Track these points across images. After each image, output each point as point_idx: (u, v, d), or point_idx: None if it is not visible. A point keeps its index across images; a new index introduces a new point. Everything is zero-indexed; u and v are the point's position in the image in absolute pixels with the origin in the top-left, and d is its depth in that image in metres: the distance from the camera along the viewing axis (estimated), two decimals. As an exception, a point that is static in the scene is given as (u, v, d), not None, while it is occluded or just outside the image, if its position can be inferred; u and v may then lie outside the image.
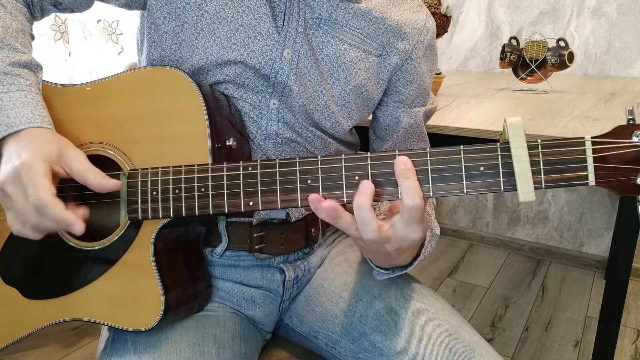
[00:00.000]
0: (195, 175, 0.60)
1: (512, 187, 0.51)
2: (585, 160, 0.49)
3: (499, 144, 0.52)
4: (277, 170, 0.57)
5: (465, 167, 0.52)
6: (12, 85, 0.62)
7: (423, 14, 0.79)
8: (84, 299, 0.66)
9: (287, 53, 0.71)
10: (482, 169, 0.52)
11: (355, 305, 0.76)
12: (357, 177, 0.55)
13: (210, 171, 0.60)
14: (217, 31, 0.70)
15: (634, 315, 1.90)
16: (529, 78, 1.55)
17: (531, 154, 0.50)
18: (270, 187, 0.57)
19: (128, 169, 0.64)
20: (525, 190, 0.50)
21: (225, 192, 0.59)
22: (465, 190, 0.52)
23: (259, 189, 0.58)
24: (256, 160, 0.58)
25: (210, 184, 0.59)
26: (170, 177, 0.61)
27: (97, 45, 2.32)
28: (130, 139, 0.65)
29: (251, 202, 0.58)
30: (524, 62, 1.51)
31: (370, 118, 0.86)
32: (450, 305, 0.77)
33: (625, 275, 1.01)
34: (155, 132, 0.64)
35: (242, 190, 0.58)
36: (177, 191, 0.61)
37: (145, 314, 0.64)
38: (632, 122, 0.49)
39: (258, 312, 0.79)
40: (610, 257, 2.15)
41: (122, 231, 0.64)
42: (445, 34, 1.44)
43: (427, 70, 0.82)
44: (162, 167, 0.62)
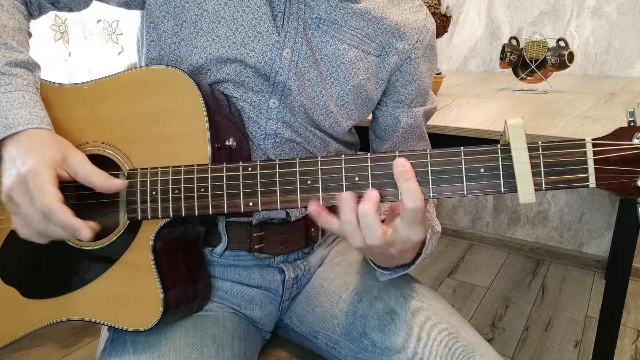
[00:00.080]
0: (195, 176, 0.60)
1: (513, 188, 0.51)
2: (585, 162, 0.49)
3: (500, 145, 0.52)
4: (277, 170, 0.57)
5: (465, 168, 0.52)
6: (9, 86, 0.62)
7: (422, 14, 0.79)
8: (83, 298, 0.66)
9: (287, 53, 0.71)
10: (482, 170, 0.52)
11: (355, 305, 0.76)
12: (357, 178, 0.55)
13: (209, 171, 0.60)
14: (216, 30, 0.70)
15: (634, 315, 1.89)
16: (529, 78, 1.55)
17: (532, 156, 0.50)
18: (270, 188, 0.57)
19: (127, 169, 0.64)
20: (526, 192, 0.49)
21: (225, 192, 0.59)
22: (466, 192, 0.52)
23: (259, 189, 0.58)
24: (256, 161, 0.58)
25: (209, 184, 0.59)
26: (170, 177, 0.61)
27: (97, 45, 2.32)
28: (129, 138, 0.65)
29: (251, 203, 0.58)
30: (524, 62, 1.51)
31: (370, 118, 0.86)
32: (450, 305, 0.77)
33: (625, 275, 1.01)
34: (154, 131, 0.64)
35: (241, 191, 0.58)
36: (176, 191, 0.61)
37: (144, 314, 0.64)
38: (632, 124, 0.49)
39: (258, 312, 0.79)
40: (610, 257, 2.15)
41: (122, 231, 0.64)
42: (445, 34, 1.44)
43: (427, 71, 0.81)
44: (161, 167, 0.62)
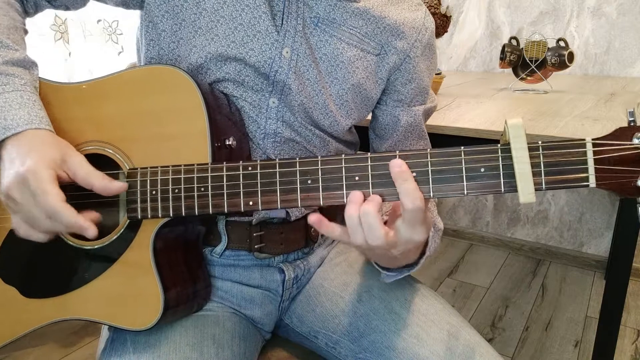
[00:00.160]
0: (195, 175, 0.60)
1: (513, 188, 0.51)
2: (585, 162, 0.49)
3: (500, 145, 0.52)
4: (277, 170, 0.57)
5: (465, 168, 0.52)
6: (7, 86, 0.61)
7: (421, 13, 0.79)
8: (83, 298, 0.66)
9: (286, 52, 0.71)
10: (482, 170, 0.52)
11: (355, 305, 0.76)
12: (357, 178, 0.55)
13: (209, 171, 0.59)
14: (215, 29, 0.70)
15: (634, 315, 1.89)
16: (529, 78, 1.55)
17: (532, 155, 0.50)
18: (270, 187, 0.57)
19: (127, 168, 0.64)
20: (526, 191, 0.49)
21: (225, 191, 0.59)
22: (466, 192, 0.52)
23: (259, 189, 0.57)
24: (256, 160, 0.58)
25: (209, 183, 0.59)
26: (170, 177, 0.61)
27: (97, 45, 2.32)
28: (129, 137, 0.65)
29: (251, 202, 0.58)
30: (524, 62, 1.51)
31: (370, 117, 0.86)
32: (450, 305, 0.77)
33: (625, 275, 1.01)
34: (154, 131, 0.64)
35: (241, 190, 0.58)
36: (176, 190, 0.61)
37: (144, 313, 0.64)
38: (632, 124, 0.49)
39: (257, 312, 0.79)
40: (610, 257, 2.15)
41: (122, 230, 0.64)
42: (445, 34, 1.44)
43: (426, 69, 0.81)
44: (161, 167, 0.62)
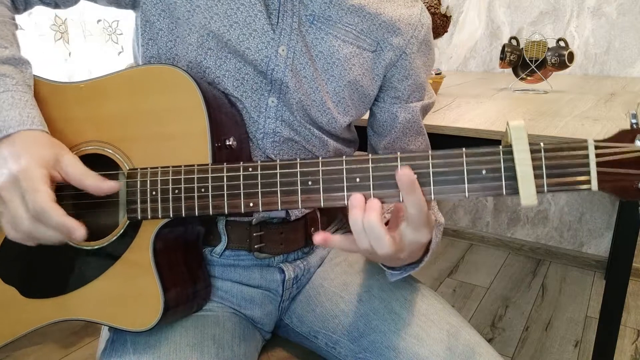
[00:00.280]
0: (195, 176, 0.60)
1: (514, 191, 0.50)
2: (587, 165, 0.49)
3: (501, 147, 0.51)
4: (278, 171, 0.57)
5: (467, 170, 0.52)
6: None
7: (417, 9, 0.79)
8: (83, 298, 0.66)
9: (282, 50, 0.71)
10: (484, 172, 0.51)
11: (355, 305, 0.76)
12: (358, 179, 0.54)
13: (210, 171, 0.59)
14: (209, 26, 0.70)
15: (634, 315, 1.89)
16: (529, 78, 1.55)
17: (534, 158, 0.49)
18: (270, 189, 0.57)
19: (127, 169, 0.64)
20: (527, 194, 0.49)
21: (225, 192, 0.59)
22: (467, 194, 0.52)
23: (259, 190, 0.57)
24: (257, 161, 0.58)
25: (210, 184, 0.59)
26: (170, 177, 0.61)
27: (97, 45, 2.32)
28: (129, 137, 0.65)
29: (251, 203, 0.58)
30: (524, 62, 1.51)
31: (368, 114, 0.86)
32: (450, 305, 0.77)
33: (625, 275, 1.01)
34: (154, 130, 0.64)
35: (242, 191, 0.58)
36: (176, 191, 0.60)
37: (144, 314, 0.64)
38: (635, 126, 0.49)
39: (257, 312, 0.79)
40: (610, 257, 2.15)
41: (121, 231, 0.64)
42: (445, 34, 1.44)
43: (423, 66, 0.81)
44: (161, 167, 0.61)
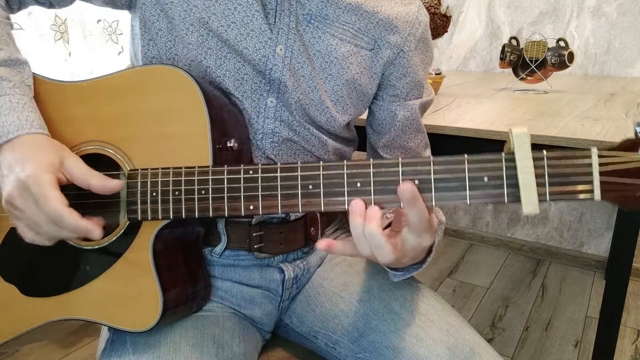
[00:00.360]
0: (196, 178, 0.60)
1: (516, 198, 0.50)
2: (590, 174, 0.48)
3: (504, 154, 0.51)
4: (279, 175, 0.56)
5: (468, 177, 0.51)
6: None
7: (415, 7, 0.79)
8: (82, 298, 0.66)
9: (280, 49, 0.71)
10: (486, 179, 0.51)
11: (355, 305, 0.76)
12: (359, 184, 0.54)
13: (210, 174, 0.59)
14: (207, 26, 0.70)
15: (634, 315, 1.89)
16: (529, 78, 1.55)
17: (536, 165, 0.49)
18: (271, 192, 0.57)
19: (128, 169, 0.64)
20: (529, 202, 0.49)
21: (226, 195, 0.58)
22: (469, 201, 0.51)
23: (260, 193, 0.57)
24: (257, 164, 0.58)
25: (210, 186, 0.59)
26: (171, 179, 0.61)
27: (97, 45, 2.32)
28: (129, 137, 0.65)
29: (251, 206, 0.57)
30: (524, 62, 1.51)
31: (366, 113, 0.86)
32: (450, 305, 0.77)
33: (625, 275, 1.01)
34: (155, 131, 0.64)
35: (242, 194, 0.58)
36: (177, 193, 0.60)
37: (144, 315, 0.64)
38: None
39: (257, 312, 0.79)
40: (610, 257, 2.15)
41: (122, 231, 0.64)
42: (445, 34, 1.44)
43: (421, 63, 0.81)
44: (162, 168, 0.61)
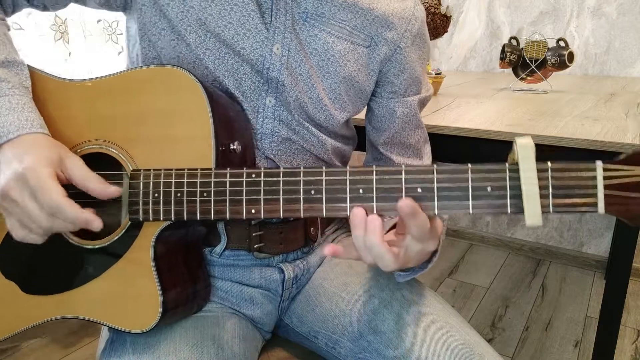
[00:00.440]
0: (198, 180, 0.60)
1: (519, 209, 0.50)
2: (595, 187, 0.48)
3: (508, 164, 0.51)
4: (281, 179, 0.57)
5: (472, 186, 0.51)
6: None
7: (411, 3, 0.79)
8: (83, 297, 0.66)
9: (277, 48, 0.71)
10: (489, 189, 0.51)
11: (355, 305, 0.76)
12: (361, 191, 0.54)
13: (213, 176, 0.59)
14: (204, 26, 0.70)
15: (634, 315, 1.90)
16: (529, 78, 1.55)
17: (540, 177, 0.49)
18: (273, 196, 0.57)
19: (130, 169, 0.64)
20: (533, 213, 0.48)
21: (228, 198, 0.58)
22: (471, 211, 0.51)
23: (262, 197, 0.57)
24: (260, 168, 0.58)
25: (212, 189, 0.59)
26: (173, 180, 0.61)
27: (97, 45, 2.32)
28: (133, 137, 0.65)
29: (253, 210, 0.57)
30: (524, 62, 1.51)
31: (365, 111, 0.86)
32: (450, 305, 0.77)
33: (625, 275, 1.01)
34: (158, 131, 0.64)
35: (244, 198, 0.58)
36: (179, 194, 0.60)
37: (144, 315, 0.64)
38: None
39: (257, 312, 0.79)
40: (610, 257, 2.15)
41: (123, 231, 0.64)
42: (445, 34, 1.44)
43: (418, 59, 0.81)
44: (164, 169, 0.61)
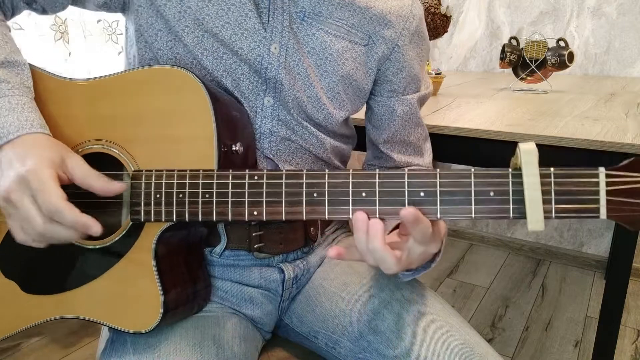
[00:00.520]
0: (200, 181, 0.59)
1: (522, 215, 0.50)
2: (597, 193, 0.48)
3: (511, 169, 0.51)
4: (284, 181, 0.56)
5: (475, 191, 0.51)
6: None
7: (408, 0, 0.79)
8: (83, 297, 0.66)
9: (275, 48, 0.71)
10: (492, 194, 0.51)
11: (354, 305, 0.76)
12: (364, 194, 0.54)
13: (215, 177, 0.59)
14: (202, 26, 0.70)
15: (634, 315, 1.90)
16: (529, 78, 1.55)
17: (543, 183, 0.49)
18: (275, 198, 0.57)
19: (132, 170, 0.64)
20: (535, 219, 0.48)
21: (230, 200, 0.58)
22: (474, 215, 0.51)
23: (264, 199, 0.57)
24: (262, 170, 0.58)
25: (215, 190, 0.59)
26: (175, 181, 0.60)
27: (97, 45, 2.32)
28: (134, 138, 0.64)
29: (255, 212, 0.57)
30: (524, 62, 1.51)
31: (365, 110, 0.86)
32: (450, 305, 0.77)
33: (625, 275, 1.01)
34: (160, 132, 0.64)
35: (246, 199, 0.57)
36: (180, 195, 0.60)
37: (144, 316, 0.64)
38: None
39: (257, 312, 0.79)
40: (610, 257, 2.15)
41: (124, 232, 0.64)
42: (445, 34, 1.44)
43: (416, 57, 0.81)
44: (166, 170, 0.61)
